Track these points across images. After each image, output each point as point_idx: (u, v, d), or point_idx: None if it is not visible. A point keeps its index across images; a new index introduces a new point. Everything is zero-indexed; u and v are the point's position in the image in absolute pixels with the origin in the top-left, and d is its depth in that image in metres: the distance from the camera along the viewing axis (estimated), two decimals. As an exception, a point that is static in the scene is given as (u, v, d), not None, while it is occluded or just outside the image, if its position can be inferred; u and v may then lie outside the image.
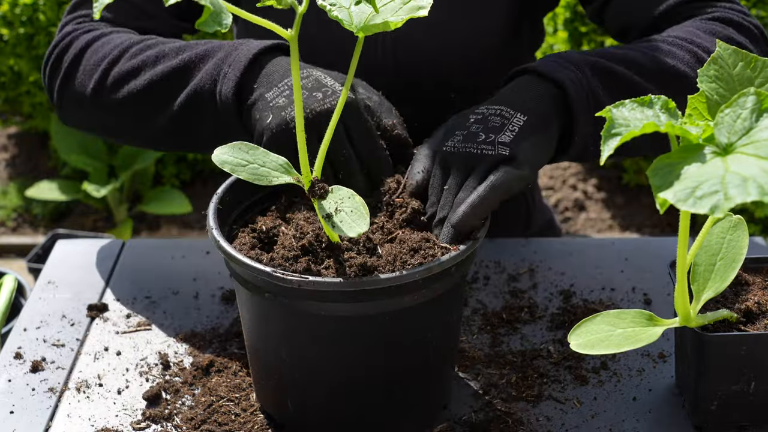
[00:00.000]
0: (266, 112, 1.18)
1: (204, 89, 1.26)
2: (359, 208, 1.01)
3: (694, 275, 1.06)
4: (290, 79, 1.19)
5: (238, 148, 1.04)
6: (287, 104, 1.17)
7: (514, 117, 1.16)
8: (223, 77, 1.24)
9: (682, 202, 0.80)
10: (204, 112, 1.27)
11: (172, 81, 1.29)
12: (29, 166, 3.60)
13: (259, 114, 1.19)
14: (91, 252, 1.47)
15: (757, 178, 0.79)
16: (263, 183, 1.03)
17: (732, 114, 0.87)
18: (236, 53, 1.26)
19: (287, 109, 1.16)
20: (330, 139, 1.04)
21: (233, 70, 1.24)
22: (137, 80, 1.32)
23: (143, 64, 1.32)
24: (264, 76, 1.23)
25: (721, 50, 0.99)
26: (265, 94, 1.20)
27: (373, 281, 1.00)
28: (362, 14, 1.02)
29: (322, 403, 1.11)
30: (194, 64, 1.29)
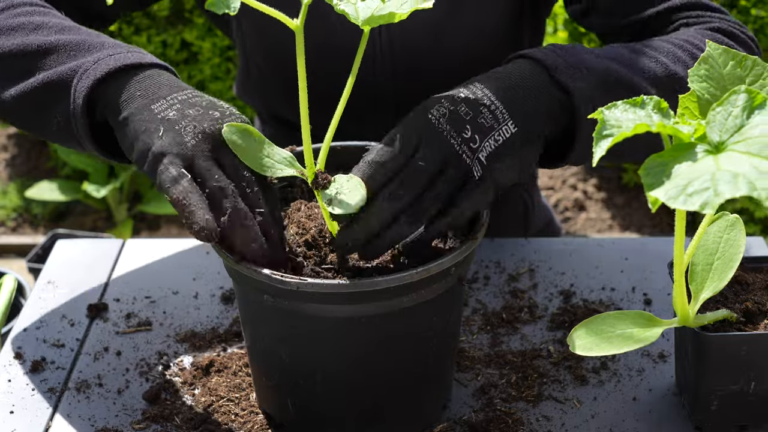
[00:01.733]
0: (154, 125, 1.05)
1: (60, 79, 1.14)
2: (356, 185, 1.01)
3: (692, 275, 1.06)
4: (181, 94, 1.08)
5: (249, 132, 1.03)
6: (179, 118, 1.06)
7: (504, 125, 1.06)
8: (83, 73, 1.13)
9: (673, 200, 0.80)
10: (53, 103, 1.15)
11: (36, 58, 1.17)
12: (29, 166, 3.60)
13: (144, 125, 1.06)
14: (91, 252, 1.48)
15: (748, 174, 0.80)
16: (267, 174, 1.03)
17: (723, 112, 0.87)
18: (108, 52, 1.14)
19: (181, 123, 1.05)
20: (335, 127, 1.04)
21: (95, 69, 1.12)
22: (4, 40, 1.20)
23: (19, 27, 1.21)
24: (146, 85, 1.11)
25: (711, 50, 0.99)
26: (150, 105, 1.07)
27: (372, 283, 1.00)
28: (368, 9, 1.02)
29: (321, 403, 1.11)
30: (65, 49, 1.17)
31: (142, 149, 1.05)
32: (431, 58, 1.43)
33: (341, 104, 1.03)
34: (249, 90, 1.60)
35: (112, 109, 1.10)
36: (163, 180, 1.02)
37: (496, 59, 1.47)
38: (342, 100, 1.03)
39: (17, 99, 1.18)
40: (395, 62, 1.43)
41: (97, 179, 3.22)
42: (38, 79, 1.16)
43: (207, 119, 1.06)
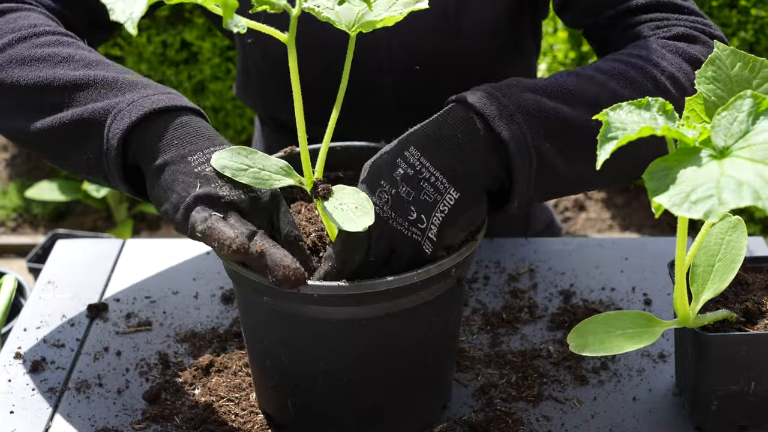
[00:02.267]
0: (191, 178, 1.05)
1: (93, 118, 1.13)
2: (364, 204, 1.01)
3: (693, 276, 1.06)
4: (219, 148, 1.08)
5: (237, 152, 1.04)
6: (216, 176, 1.05)
7: (447, 193, 1.04)
8: (117, 113, 1.11)
9: (677, 207, 0.80)
10: (87, 141, 1.14)
11: (65, 93, 1.15)
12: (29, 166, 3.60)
13: (181, 177, 1.06)
14: (91, 252, 1.48)
15: (752, 183, 0.79)
16: (266, 187, 1.03)
17: (729, 117, 0.86)
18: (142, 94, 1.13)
19: (218, 182, 1.04)
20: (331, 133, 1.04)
21: (131, 111, 1.11)
22: (31, 72, 1.18)
23: (46, 59, 1.18)
24: (182, 133, 1.10)
25: (719, 51, 0.99)
26: (187, 156, 1.07)
27: (372, 284, 1.00)
28: (350, 13, 1.02)
29: (321, 403, 1.11)
30: (96, 86, 1.15)
31: (176, 202, 1.05)
32: (430, 54, 1.43)
33: (336, 107, 1.03)
34: (248, 91, 1.60)
35: (147, 154, 1.09)
36: (196, 220, 1.02)
37: (495, 55, 1.47)
38: (337, 103, 1.03)
39: (45, 133, 1.16)
40: (394, 59, 1.43)
41: (97, 179, 3.22)
42: (68, 115, 1.14)
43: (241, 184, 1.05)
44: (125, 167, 1.12)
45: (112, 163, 1.11)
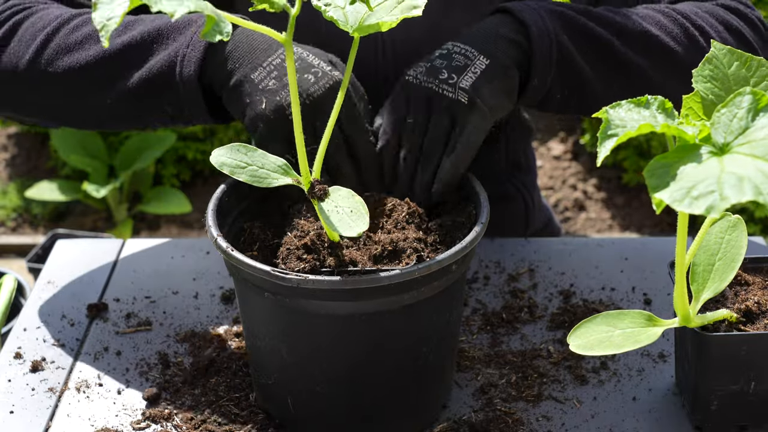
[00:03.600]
0: (257, 96, 1.16)
1: (161, 72, 1.20)
2: (358, 208, 1.01)
3: (693, 275, 1.06)
4: (275, 58, 1.17)
5: (236, 149, 1.04)
6: (279, 88, 1.15)
7: (477, 59, 1.18)
8: (182, 59, 1.19)
9: (678, 203, 0.80)
10: (162, 96, 1.21)
11: (121, 59, 1.22)
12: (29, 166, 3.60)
13: (249, 98, 1.16)
14: (91, 252, 1.47)
15: (753, 178, 0.79)
16: (263, 185, 1.03)
17: (728, 113, 0.87)
18: (194, 33, 1.20)
19: (281, 93, 1.15)
20: (329, 136, 1.04)
21: (193, 51, 1.19)
22: (81, 54, 1.23)
23: (87, 38, 1.24)
24: (241, 52, 1.19)
25: (716, 50, 0.99)
26: (250, 74, 1.17)
27: (372, 280, 1.00)
28: (357, 14, 1.02)
29: (322, 402, 1.11)
30: (146, 42, 1.22)
31: (251, 121, 1.15)
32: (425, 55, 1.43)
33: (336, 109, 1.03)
34: None
35: (219, 80, 1.19)
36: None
37: None
38: (336, 105, 1.03)
39: (119, 102, 1.23)
40: (396, 58, 1.43)
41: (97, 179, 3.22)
42: (135, 79, 1.21)
43: (304, 84, 1.15)
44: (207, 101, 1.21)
45: (194, 103, 1.20)
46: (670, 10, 1.30)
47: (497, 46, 1.20)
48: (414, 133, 1.19)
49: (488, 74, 1.18)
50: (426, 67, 1.19)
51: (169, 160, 3.40)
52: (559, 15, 1.24)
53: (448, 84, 1.17)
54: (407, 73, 1.21)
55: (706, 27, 1.28)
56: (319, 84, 1.16)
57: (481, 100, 1.17)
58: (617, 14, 1.27)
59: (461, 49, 1.20)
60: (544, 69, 1.21)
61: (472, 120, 1.17)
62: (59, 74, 1.24)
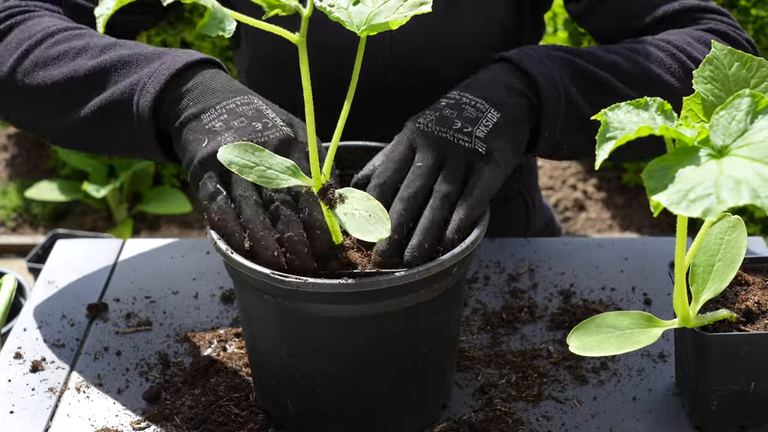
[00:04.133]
0: (201, 135, 1.11)
1: (120, 99, 1.19)
2: (377, 212, 1.01)
3: (693, 276, 1.06)
4: (229, 103, 1.13)
5: (245, 148, 1.03)
6: (223, 129, 1.10)
7: (488, 112, 1.14)
8: (141, 89, 1.17)
9: (675, 206, 0.80)
10: (117, 123, 1.20)
11: (88, 82, 1.21)
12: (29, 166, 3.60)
13: (192, 136, 1.12)
14: (91, 252, 1.47)
15: (751, 181, 0.79)
16: (271, 186, 1.02)
17: (727, 116, 0.86)
18: (159, 63, 1.19)
19: (223, 135, 1.10)
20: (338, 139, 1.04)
21: (153, 83, 1.17)
22: (54, 70, 1.23)
23: (63, 55, 1.24)
24: (199, 93, 1.16)
25: (717, 50, 0.99)
26: (200, 115, 1.13)
27: (373, 282, 1.00)
28: (362, 14, 1.02)
29: (322, 402, 1.11)
30: (115, 67, 1.21)
31: (188, 160, 1.11)
32: (431, 56, 1.43)
33: (344, 112, 1.03)
34: None
35: (172, 117, 1.16)
36: (202, 195, 1.09)
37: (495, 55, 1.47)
38: (345, 108, 1.03)
39: (75, 124, 1.22)
40: (396, 60, 1.43)
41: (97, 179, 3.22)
42: (94, 103, 1.20)
43: (249, 131, 1.10)
44: (158, 137, 1.19)
45: (147, 136, 1.18)
46: (665, 44, 1.28)
47: (507, 99, 1.17)
48: (423, 177, 1.09)
49: (500, 127, 1.14)
50: (435, 116, 1.14)
51: (169, 159, 3.39)
52: (561, 61, 1.22)
53: (463, 133, 1.12)
54: (416, 121, 1.14)
55: (701, 58, 1.27)
56: (265, 134, 1.11)
57: (497, 153, 1.12)
58: (614, 53, 1.26)
59: (470, 100, 1.16)
60: (554, 120, 1.20)
61: (488, 169, 1.11)
62: (32, 87, 1.24)
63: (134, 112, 1.17)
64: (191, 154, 1.11)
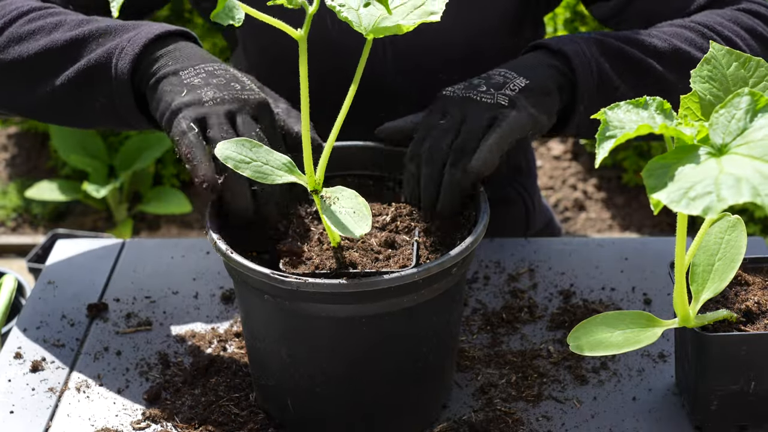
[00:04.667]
0: (179, 87, 1.17)
1: (98, 63, 1.22)
2: (361, 209, 1.01)
3: (693, 276, 1.06)
4: (208, 66, 1.19)
5: (242, 144, 1.03)
6: (202, 84, 1.16)
7: (516, 79, 1.20)
8: (120, 52, 1.21)
9: (676, 203, 0.80)
10: (95, 87, 1.24)
11: (66, 52, 1.25)
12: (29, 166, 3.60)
13: (170, 87, 1.17)
14: (91, 252, 1.47)
15: (751, 179, 0.79)
16: (266, 182, 1.03)
17: (727, 114, 0.87)
18: (136, 32, 1.23)
19: (203, 89, 1.16)
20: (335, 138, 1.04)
21: (132, 46, 1.21)
22: (29, 45, 1.26)
23: (39, 29, 1.27)
24: (177, 55, 1.21)
25: (715, 50, 0.99)
26: (179, 71, 1.19)
27: (372, 282, 1.00)
28: (371, 16, 1.02)
29: (321, 402, 1.11)
30: (93, 37, 1.25)
31: (164, 108, 1.16)
32: (433, 54, 1.43)
33: (343, 112, 1.03)
34: None
35: (148, 76, 1.20)
36: (174, 132, 1.13)
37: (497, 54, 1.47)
38: (344, 108, 1.03)
39: (53, 95, 1.25)
40: (397, 58, 1.43)
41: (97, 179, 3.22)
42: (73, 70, 1.23)
43: (228, 89, 1.16)
44: (136, 99, 1.22)
45: (125, 97, 1.21)
46: (695, 24, 1.30)
47: (537, 71, 1.22)
48: (444, 131, 1.17)
49: (528, 90, 1.19)
50: (464, 85, 1.21)
51: (169, 160, 3.40)
52: (594, 42, 1.25)
53: (487, 94, 1.18)
54: (445, 90, 1.22)
55: (733, 37, 1.28)
56: (244, 94, 1.17)
57: (520, 103, 1.17)
58: (646, 35, 1.28)
59: (499, 71, 1.22)
60: (589, 97, 1.23)
61: (512, 115, 1.16)
62: (7, 62, 1.27)
63: (112, 74, 1.21)
64: (167, 102, 1.16)
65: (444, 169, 1.14)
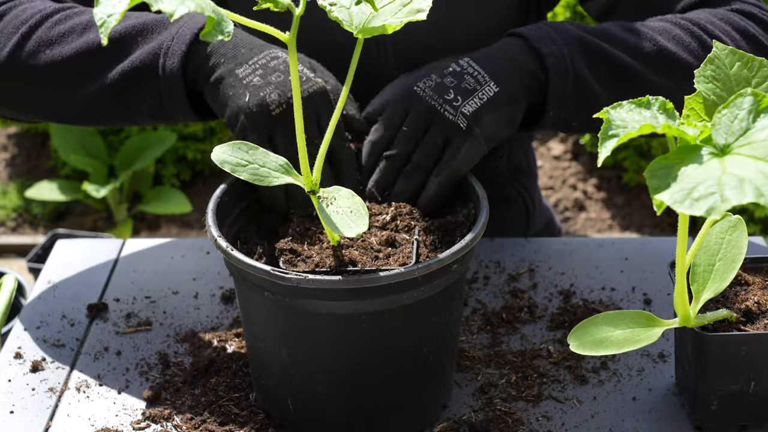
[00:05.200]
0: (240, 90, 1.16)
1: (144, 64, 1.20)
2: (358, 209, 1.01)
3: (694, 276, 1.06)
4: (260, 58, 1.19)
5: (238, 147, 1.04)
6: (264, 84, 1.16)
7: (487, 86, 1.19)
8: (166, 51, 1.20)
9: (679, 204, 0.80)
10: (143, 88, 1.21)
11: (104, 52, 1.21)
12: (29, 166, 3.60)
13: (232, 91, 1.17)
14: (91, 252, 1.47)
15: (754, 180, 0.79)
16: (263, 184, 1.03)
17: (729, 115, 0.87)
18: (178, 27, 1.21)
19: (266, 90, 1.15)
20: (330, 138, 1.04)
21: (178, 44, 1.20)
22: (63, 48, 1.23)
23: (70, 31, 1.24)
24: (226, 49, 1.20)
25: (718, 50, 0.99)
26: (235, 70, 1.18)
27: (372, 279, 1.00)
28: (362, 15, 1.02)
29: (322, 402, 1.11)
30: (131, 36, 1.22)
31: (232, 112, 1.16)
32: (433, 53, 1.43)
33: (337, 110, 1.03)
34: None
35: (203, 74, 1.19)
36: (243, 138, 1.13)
37: None
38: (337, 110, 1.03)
39: (94, 99, 1.23)
40: (397, 57, 1.43)
41: (97, 179, 3.22)
42: (116, 72, 1.21)
43: (288, 86, 1.16)
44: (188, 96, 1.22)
45: (176, 95, 1.20)
46: (685, 21, 1.28)
47: (510, 74, 1.20)
48: (405, 141, 1.19)
49: (494, 102, 1.18)
50: (436, 82, 1.20)
51: (169, 160, 3.40)
52: (573, 39, 1.23)
53: (451, 106, 1.18)
54: (417, 84, 1.21)
55: (723, 36, 1.26)
56: (304, 87, 1.17)
57: (479, 129, 1.17)
58: (632, 32, 1.26)
59: (474, 70, 1.20)
60: (561, 101, 1.22)
61: (465, 145, 1.17)
62: (40, 67, 1.23)
63: (160, 74, 1.19)
64: (234, 108, 1.16)
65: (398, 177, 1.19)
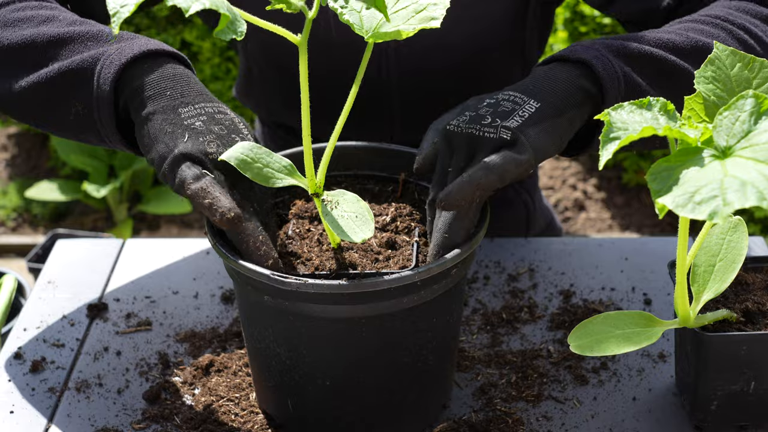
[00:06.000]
0: (179, 129, 1.07)
1: (81, 67, 1.13)
2: (364, 213, 1.01)
3: (694, 276, 1.06)
4: (206, 105, 1.10)
5: (243, 145, 1.04)
6: (205, 131, 1.07)
7: (526, 103, 1.11)
8: (106, 59, 1.12)
9: (681, 208, 0.80)
10: (74, 91, 1.14)
11: (50, 48, 1.16)
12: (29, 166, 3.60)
13: (170, 128, 1.07)
14: (91, 252, 1.48)
15: (756, 183, 0.79)
16: (267, 184, 1.03)
17: (731, 116, 0.86)
18: (128, 43, 1.14)
19: (206, 137, 1.07)
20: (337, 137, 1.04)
21: (119, 56, 1.11)
22: (15, 32, 1.18)
23: (28, 19, 1.19)
24: (173, 84, 1.12)
25: (719, 51, 0.98)
26: (178, 108, 1.10)
27: (372, 283, 1.00)
28: (373, 19, 1.01)
29: (322, 403, 1.11)
30: (81, 39, 1.16)
31: (163, 151, 1.06)
32: (435, 54, 1.43)
33: (344, 113, 1.03)
34: (249, 93, 1.60)
35: (137, 101, 1.10)
36: (186, 176, 1.03)
37: (500, 55, 1.47)
38: (345, 110, 1.03)
39: (29, 90, 1.17)
40: (400, 59, 1.43)
41: (97, 179, 3.22)
42: (54, 68, 1.15)
43: (229, 143, 1.07)
44: (117, 117, 1.13)
45: (104, 109, 1.11)
46: (708, 17, 1.25)
47: (550, 88, 1.12)
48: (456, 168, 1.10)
49: (537, 116, 1.09)
50: (471, 116, 1.11)
51: (169, 160, 3.39)
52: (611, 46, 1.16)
53: (490, 127, 1.09)
54: (449, 123, 1.12)
55: (748, 24, 1.24)
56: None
57: (525, 138, 1.08)
58: (661, 32, 1.22)
59: (509, 95, 1.12)
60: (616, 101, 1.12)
61: (506, 152, 1.07)
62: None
63: (94, 82, 1.12)
64: (167, 146, 1.06)
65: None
